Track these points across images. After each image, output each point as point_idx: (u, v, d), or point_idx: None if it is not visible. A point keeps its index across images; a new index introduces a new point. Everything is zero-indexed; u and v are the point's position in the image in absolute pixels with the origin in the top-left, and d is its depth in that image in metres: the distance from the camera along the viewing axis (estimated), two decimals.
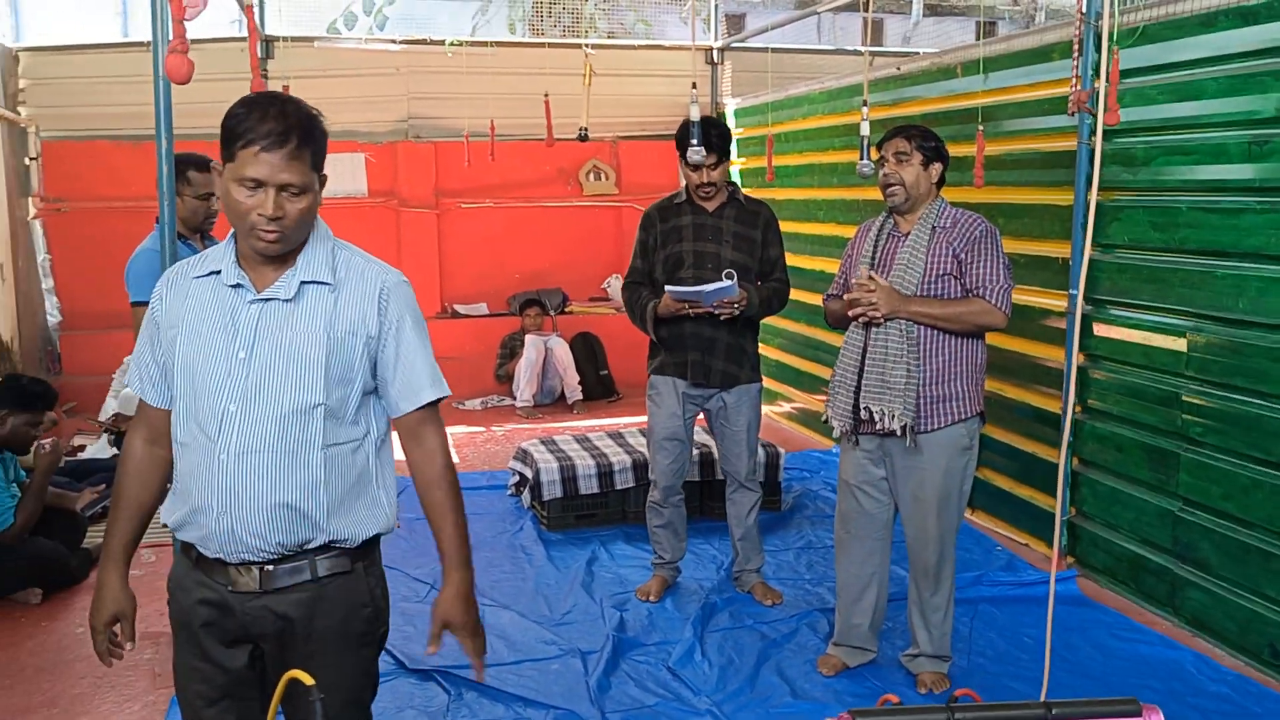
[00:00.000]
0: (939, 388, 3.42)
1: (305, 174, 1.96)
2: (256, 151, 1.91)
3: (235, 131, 1.93)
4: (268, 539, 1.99)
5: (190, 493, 2.01)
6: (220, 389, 1.98)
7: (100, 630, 2.14)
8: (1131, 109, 4.20)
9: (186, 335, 2.02)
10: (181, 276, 2.09)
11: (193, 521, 2.02)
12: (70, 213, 7.97)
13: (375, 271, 2.09)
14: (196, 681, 2.09)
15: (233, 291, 2.02)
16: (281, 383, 1.98)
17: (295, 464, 1.99)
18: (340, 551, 2.07)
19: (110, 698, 3.59)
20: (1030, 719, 1.24)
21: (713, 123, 4.13)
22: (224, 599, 2.03)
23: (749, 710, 3.50)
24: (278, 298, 2.00)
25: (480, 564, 4.72)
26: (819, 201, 6.98)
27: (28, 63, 7.92)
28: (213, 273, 2.04)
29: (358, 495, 2.08)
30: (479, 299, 8.87)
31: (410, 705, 3.54)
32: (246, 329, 1.99)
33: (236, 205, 1.95)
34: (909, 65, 5.98)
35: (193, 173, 3.95)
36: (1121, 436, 4.38)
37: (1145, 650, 3.93)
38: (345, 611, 2.09)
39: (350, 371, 2.04)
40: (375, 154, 8.57)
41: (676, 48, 9.08)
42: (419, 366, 2.09)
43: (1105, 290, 4.43)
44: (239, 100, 1.98)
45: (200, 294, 2.04)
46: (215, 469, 1.97)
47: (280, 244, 1.98)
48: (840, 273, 3.75)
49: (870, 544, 3.66)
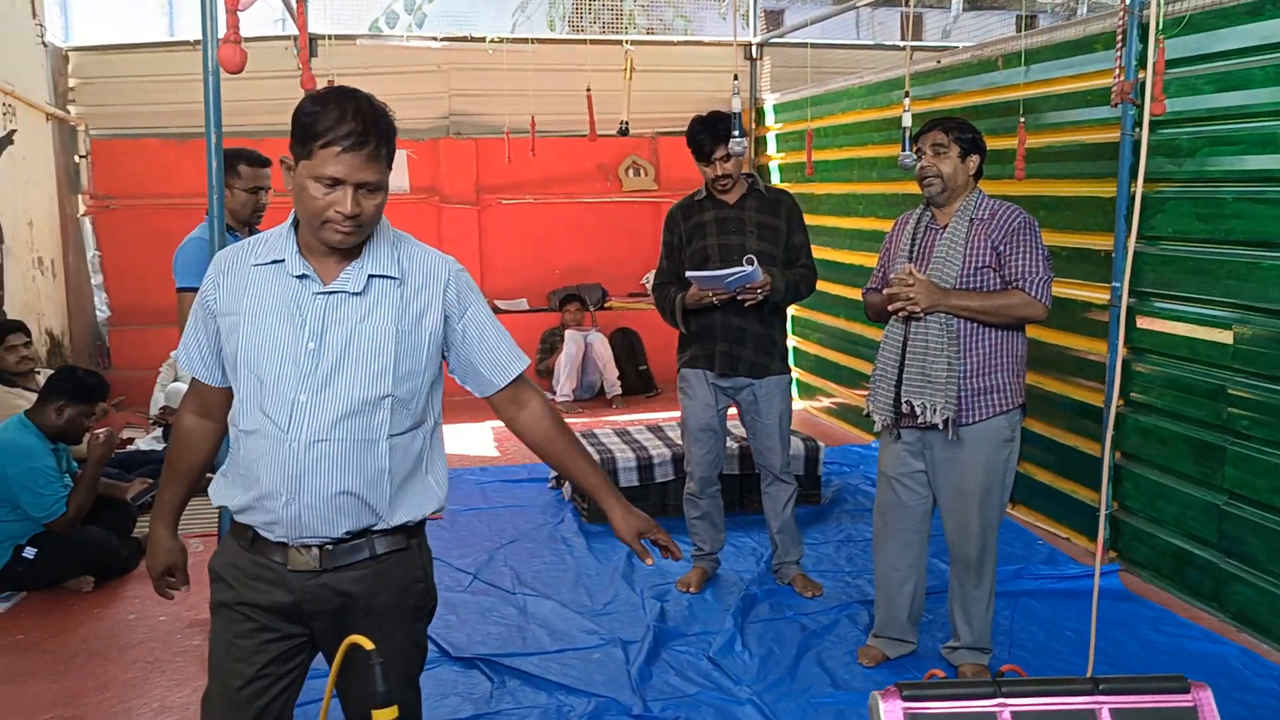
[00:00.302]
0: (980, 380, 3.41)
1: (382, 172, 1.99)
2: (337, 152, 1.92)
3: (313, 130, 1.93)
4: (334, 524, 2.03)
5: (257, 478, 2.03)
6: (289, 379, 2.00)
7: (157, 576, 2.32)
8: (1177, 99, 4.16)
9: (249, 323, 2.03)
10: (239, 263, 2.09)
11: (258, 506, 2.04)
12: (118, 210, 8.12)
13: (437, 261, 2.13)
14: (236, 660, 2.12)
15: (298, 282, 2.03)
16: (351, 375, 2.01)
17: (363, 453, 2.03)
18: (397, 530, 2.12)
19: (161, 682, 3.67)
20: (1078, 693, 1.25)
21: (720, 116, 4.15)
22: (282, 579, 2.07)
23: (790, 700, 3.51)
24: (345, 290, 2.03)
25: (522, 555, 4.85)
26: (858, 196, 6.96)
27: (77, 62, 8.07)
28: (274, 261, 2.05)
29: (414, 480, 2.13)
30: (519, 294, 8.93)
31: (454, 692, 3.59)
32: (314, 320, 2.01)
33: (312, 202, 1.96)
34: (949, 58, 5.95)
35: (243, 166, 3.99)
36: (1165, 430, 4.34)
37: (1190, 645, 3.90)
38: (402, 587, 2.14)
39: (419, 364, 2.08)
40: (417, 150, 8.65)
41: (715, 43, 9.08)
42: (500, 344, 2.19)
43: (1149, 283, 4.39)
44: (311, 97, 1.99)
45: (261, 282, 2.05)
46: (285, 457, 2.00)
47: (354, 238, 2.00)
48: (879, 266, 3.75)
49: (909, 536, 3.65)
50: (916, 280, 3.37)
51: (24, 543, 4.39)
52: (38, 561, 4.38)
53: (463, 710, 3.46)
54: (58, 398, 4.45)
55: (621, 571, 4.64)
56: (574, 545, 5.00)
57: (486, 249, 8.87)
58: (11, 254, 6.40)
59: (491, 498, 5.76)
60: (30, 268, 6.84)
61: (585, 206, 9.02)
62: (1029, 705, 1.25)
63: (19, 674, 3.76)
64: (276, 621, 2.11)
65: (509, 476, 6.14)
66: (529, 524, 5.31)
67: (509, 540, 5.07)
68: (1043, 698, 1.27)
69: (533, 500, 5.69)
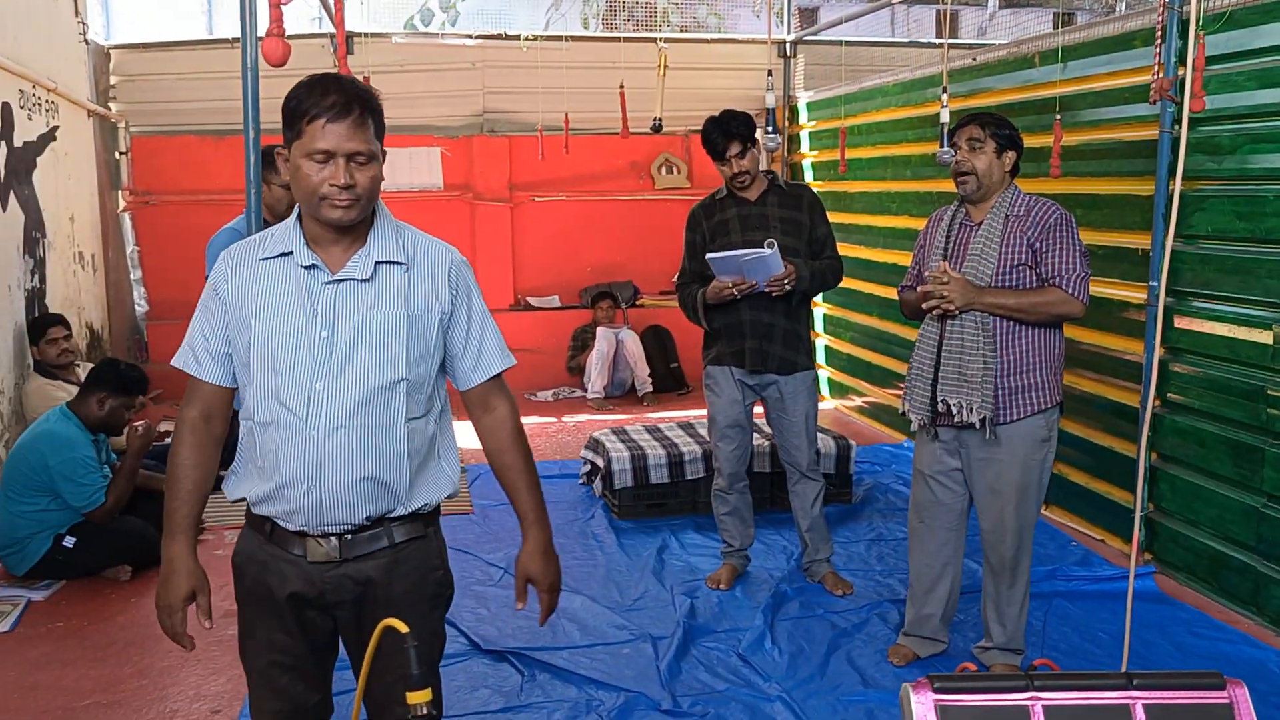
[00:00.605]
0: (1017, 378, 3.38)
1: (371, 142, 2.01)
2: (324, 124, 1.96)
3: (299, 110, 1.99)
4: (355, 510, 2.05)
5: (277, 468, 2.04)
6: (305, 368, 2.02)
7: (178, 608, 2.11)
8: (1217, 96, 4.11)
9: (263, 316, 2.04)
10: (247, 258, 2.10)
11: (278, 496, 2.06)
12: (157, 205, 8.21)
13: (441, 250, 2.16)
14: (272, 651, 2.16)
15: (307, 273, 2.05)
16: (366, 361, 2.03)
17: (381, 438, 2.05)
18: (414, 518, 2.14)
19: (197, 670, 3.72)
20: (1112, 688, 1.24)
21: (732, 114, 4.14)
22: (303, 570, 2.09)
23: (819, 698, 3.50)
24: (354, 278, 2.05)
25: None
26: (892, 194, 6.93)
27: (118, 60, 8.17)
28: (282, 254, 2.07)
29: (429, 464, 2.16)
30: (551, 291, 8.95)
31: (484, 685, 3.61)
32: (325, 309, 2.04)
33: (307, 180, 1.99)
34: (985, 55, 5.91)
35: (281, 162, 4.04)
36: (1203, 431, 4.29)
37: (1226, 649, 3.85)
38: (420, 574, 2.16)
39: (429, 347, 2.11)
40: (451, 148, 8.70)
41: (749, 41, 9.07)
42: (488, 339, 2.18)
43: (1187, 282, 4.34)
44: (297, 84, 2.03)
45: (271, 275, 2.07)
46: (305, 445, 2.02)
47: (353, 212, 2.02)
48: (914, 263, 3.73)
49: (944, 534, 3.63)
50: (951, 278, 3.35)
51: (64, 532, 4.46)
52: (77, 550, 4.45)
53: (493, 703, 3.48)
54: (99, 390, 4.51)
55: (651, 567, 4.64)
56: (604, 541, 5.02)
57: (519, 246, 8.90)
58: (53, 248, 6.50)
59: None
60: (71, 262, 6.94)
61: (618, 204, 9.03)
62: (1061, 699, 1.25)
63: (59, 660, 3.82)
64: (301, 610, 2.13)
65: (540, 473, 6.12)
66: (559, 519, 5.32)
67: None
68: (1075, 692, 1.26)
69: (563, 496, 5.71)
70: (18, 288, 5.79)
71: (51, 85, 6.46)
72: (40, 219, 6.27)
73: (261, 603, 2.14)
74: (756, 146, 4.12)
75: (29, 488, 4.41)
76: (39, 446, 4.42)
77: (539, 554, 2.21)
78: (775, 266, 3.98)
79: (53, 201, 6.50)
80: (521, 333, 8.66)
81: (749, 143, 4.11)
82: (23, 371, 5.71)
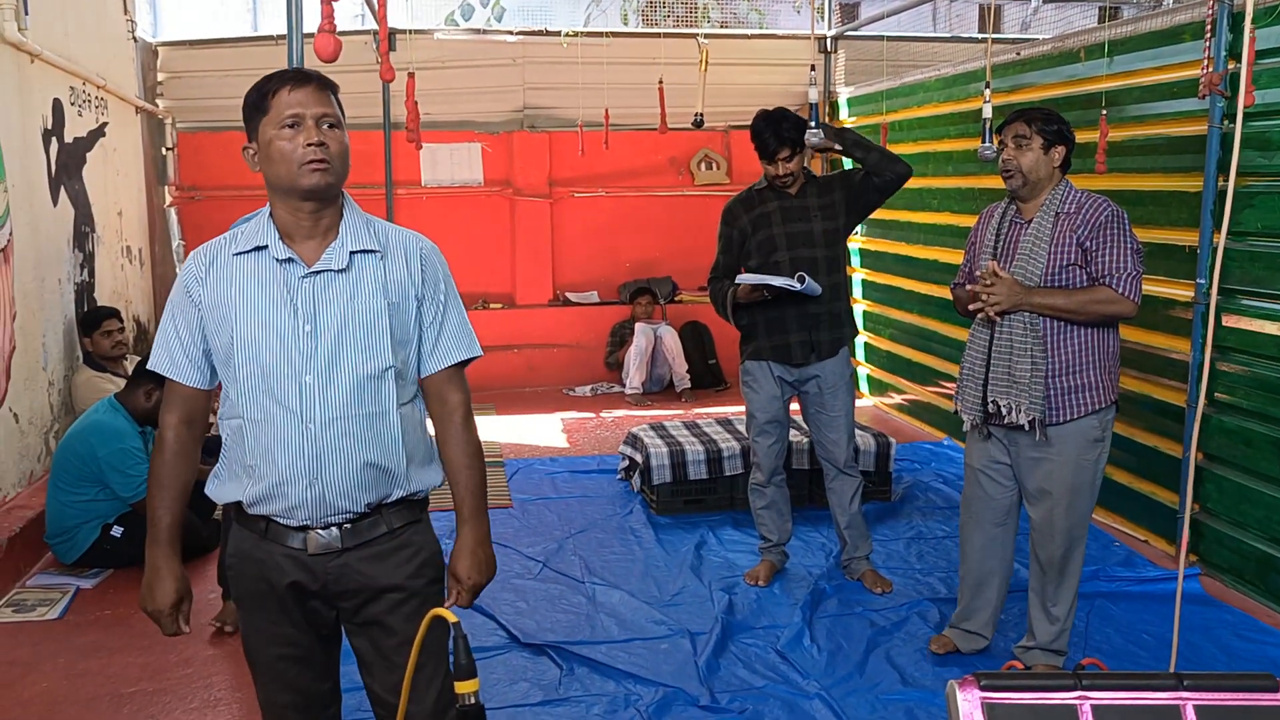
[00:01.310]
0: (1069, 378, 3.32)
1: (334, 108, 2.05)
2: (287, 91, 2.03)
3: (262, 89, 2.05)
4: (357, 499, 2.08)
5: (272, 466, 2.04)
6: (292, 363, 2.02)
7: (167, 613, 2.14)
8: (1267, 91, 4.05)
9: (243, 313, 2.04)
10: (220, 255, 2.09)
11: (276, 494, 2.06)
12: (202, 201, 8.31)
13: (411, 238, 2.18)
14: (279, 645, 2.17)
15: (283, 267, 2.05)
16: (353, 350, 2.05)
17: (377, 425, 2.08)
18: (410, 503, 2.17)
19: (239, 659, 3.73)
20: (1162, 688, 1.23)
21: (785, 115, 4.12)
22: (303, 563, 2.10)
23: (858, 695, 3.49)
24: (330, 269, 2.06)
25: (591, 545, 4.89)
26: (933, 190, 6.87)
27: (165, 57, 8.28)
28: (256, 249, 2.06)
29: (424, 448, 2.20)
30: (590, 287, 8.97)
31: (523, 678, 3.63)
32: (305, 303, 2.04)
33: (281, 152, 2.02)
34: (1029, 50, 5.85)
35: None
36: (1251, 431, 4.22)
37: (1273, 652, 3.79)
38: (421, 559, 2.18)
39: (408, 333, 2.13)
40: (491, 144, 8.74)
41: (790, 36, 9.02)
42: (448, 327, 2.19)
43: (1236, 280, 4.27)
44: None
45: (247, 271, 2.06)
46: (303, 439, 2.03)
47: (330, 176, 2.04)
48: (965, 260, 3.69)
49: (991, 529, 3.59)
50: (1000, 279, 3.30)
51: (111, 521, 4.54)
52: (124, 540, 4.52)
53: (531, 695, 3.50)
54: (147, 382, 4.58)
55: (690, 563, 4.65)
56: (642, 536, 5.02)
57: (558, 242, 8.92)
58: (102, 242, 6.60)
59: (561, 488, 5.81)
60: (119, 256, 7.04)
61: (657, 200, 9.03)
62: (1110, 699, 1.23)
63: (106, 648, 3.89)
64: (304, 601, 2.14)
65: (578, 468, 6.18)
66: (598, 514, 5.34)
67: (578, 530, 5.11)
68: (1125, 692, 1.25)
69: (601, 491, 5.73)
70: (68, 281, 5.89)
71: (101, 82, 6.56)
72: (90, 214, 6.37)
73: (263, 598, 2.14)
74: (804, 150, 4.11)
75: (78, 478, 4.49)
76: (88, 438, 4.50)
77: (468, 552, 2.19)
78: (813, 291, 4.01)
79: (101, 196, 6.60)
80: (560, 328, 8.69)
81: (799, 146, 4.10)
82: (72, 364, 5.81)
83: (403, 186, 8.36)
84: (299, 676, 2.20)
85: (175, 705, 3.50)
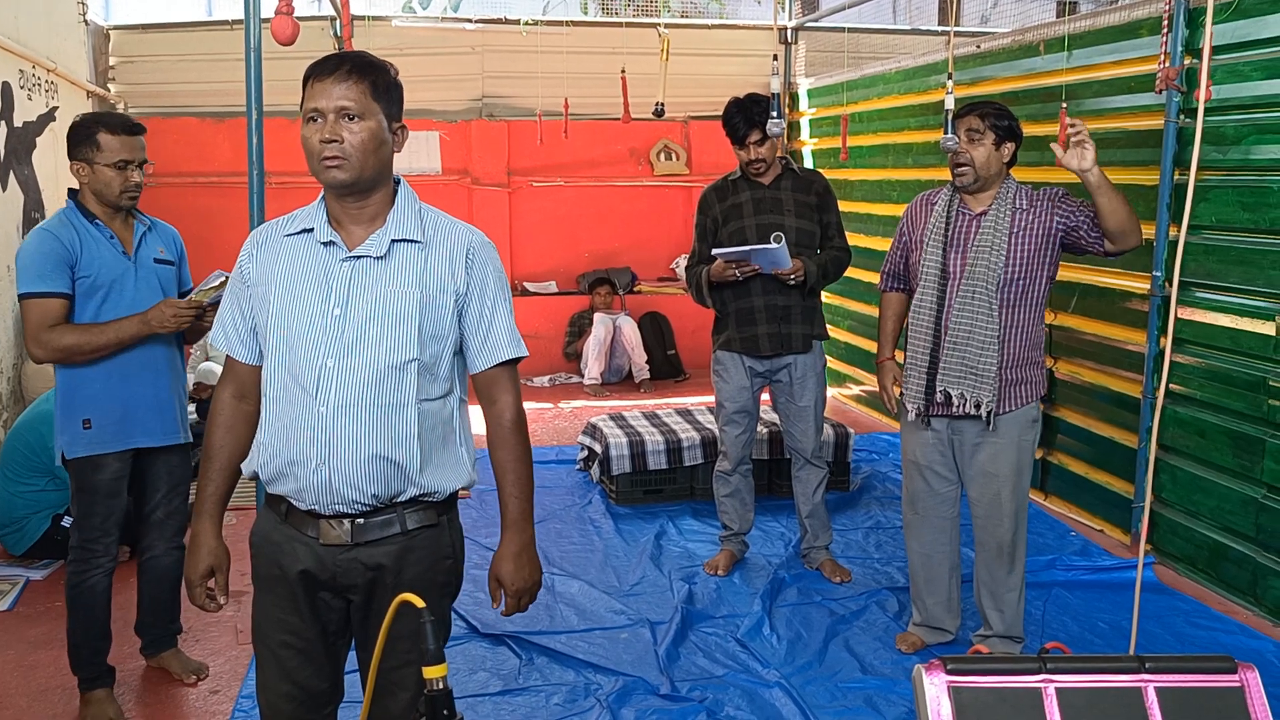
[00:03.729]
0: (1016, 371, 3.39)
1: (361, 99, 1.98)
2: (313, 82, 2.00)
3: (305, 76, 2.02)
4: (364, 490, 2.03)
5: (287, 445, 2.03)
6: (317, 344, 2.01)
7: (196, 583, 2.17)
8: (1223, 86, 4.10)
9: (280, 291, 2.05)
10: (273, 235, 2.12)
11: (289, 473, 2.05)
12: (157, 187, 8.16)
13: (462, 230, 2.14)
14: (283, 632, 2.15)
15: (325, 249, 2.06)
16: (377, 338, 2.02)
17: (391, 417, 2.03)
18: (427, 505, 2.12)
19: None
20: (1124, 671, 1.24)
21: (755, 99, 4.12)
22: (315, 552, 2.08)
23: (817, 684, 3.50)
24: (369, 255, 2.05)
25: (550, 535, 4.86)
26: (893, 182, 6.91)
27: (118, 41, 8.12)
28: (304, 230, 2.08)
29: (445, 450, 2.13)
30: (549, 277, 8.94)
31: (482, 668, 3.61)
32: (340, 286, 2.03)
33: (305, 144, 2.00)
34: (989, 43, 5.89)
35: (104, 135, 3.20)
36: (1204, 422, 4.29)
37: (1225, 639, 3.85)
38: (431, 563, 2.14)
39: (442, 328, 2.08)
40: (449, 132, 8.66)
41: (750, 27, 9.03)
42: (500, 325, 2.15)
43: (1191, 272, 4.33)
44: None
45: (292, 251, 2.08)
46: (314, 422, 2.01)
47: (343, 173, 1.99)
48: (896, 251, 3.69)
49: (939, 523, 3.63)
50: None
51: (62, 512, 4.44)
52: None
53: (491, 685, 3.48)
54: None
55: (649, 553, 4.64)
56: (602, 526, 5.01)
57: (516, 231, 8.87)
58: None
59: None
60: None
61: (616, 190, 9.01)
62: (1074, 682, 1.24)
63: (57, 640, 3.79)
64: (314, 591, 2.12)
65: (537, 458, 6.06)
66: (557, 504, 5.32)
67: (537, 520, 4.98)
68: (1088, 675, 1.25)
69: (560, 481, 5.71)
70: None
71: (51, 66, 6.42)
72: (39, 199, 6.24)
73: (275, 583, 2.13)
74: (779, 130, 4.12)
75: (27, 468, 4.40)
76: (38, 427, 4.40)
77: (509, 557, 2.17)
78: (783, 260, 3.97)
79: (52, 182, 6.46)
80: (518, 318, 8.51)
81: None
82: (22, 352, 5.69)
83: None
84: (299, 669, 2.16)
85: (127, 697, 3.43)
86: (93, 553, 3.26)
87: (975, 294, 3.35)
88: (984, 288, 3.34)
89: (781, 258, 3.97)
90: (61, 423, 3.19)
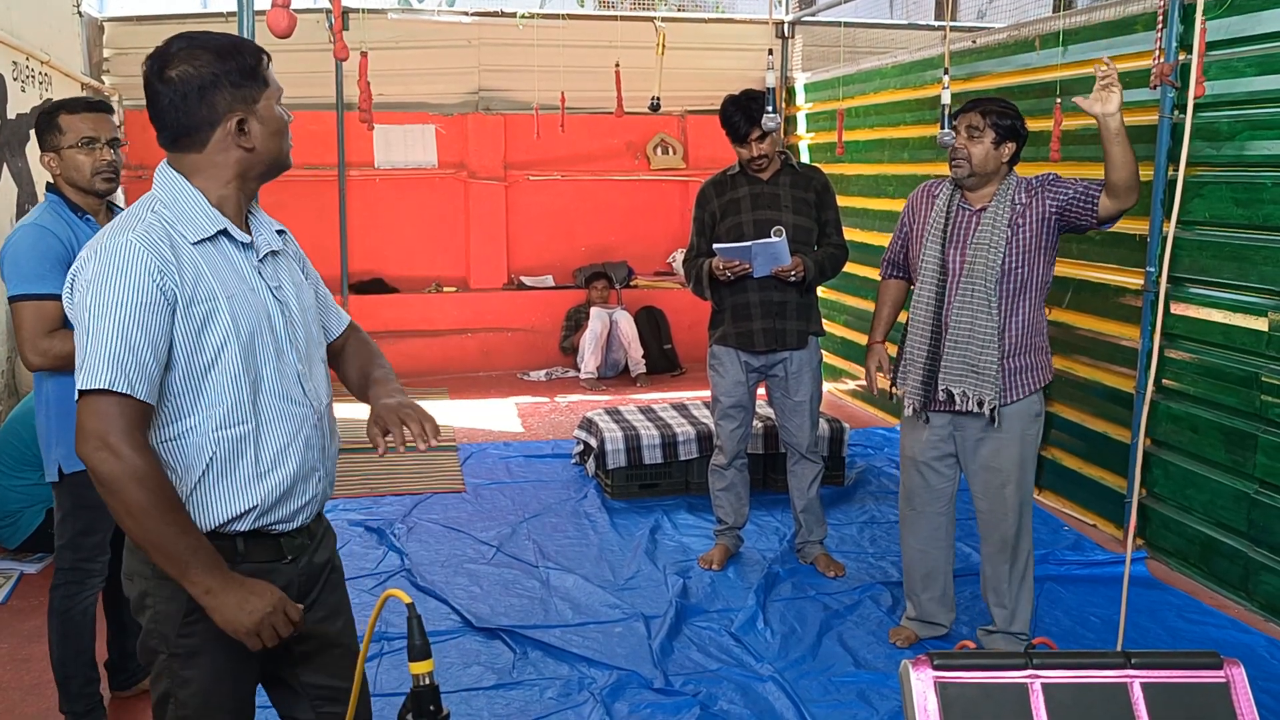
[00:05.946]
0: (1018, 359, 3.38)
1: None
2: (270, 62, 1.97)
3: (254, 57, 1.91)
4: (335, 485, 2.06)
5: (291, 464, 1.90)
6: (284, 351, 1.92)
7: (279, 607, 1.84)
8: (1216, 82, 4.10)
9: (232, 306, 1.83)
10: (177, 246, 1.81)
11: (293, 493, 1.92)
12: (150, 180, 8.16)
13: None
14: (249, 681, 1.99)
15: (241, 251, 1.89)
16: (314, 332, 2.03)
17: (331, 405, 2.05)
18: None
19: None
20: (1110, 666, 1.24)
21: (752, 96, 4.12)
22: (280, 573, 1.93)
23: (811, 678, 3.52)
24: (273, 249, 1.96)
25: (545, 529, 4.87)
26: (889, 177, 6.91)
27: (112, 33, 8.10)
28: (217, 233, 1.86)
29: None
30: (545, 271, 8.93)
31: (476, 662, 3.62)
32: (277, 288, 1.94)
33: (280, 122, 1.94)
34: (985, 39, 5.89)
35: (64, 117, 3.01)
36: (1197, 417, 4.30)
37: (1216, 634, 3.87)
38: (333, 541, 2.15)
39: None
40: (446, 125, 8.65)
41: (747, 21, 9.02)
42: (332, 298, 2.20)
43: (1184, 268, 4.34)
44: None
45: (213, 260, 1.84)
46: (311, 431, 1.94)
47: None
48: (897, 241, 3.70)
49: (935, 519, 3.64)
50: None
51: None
52: None
53: (485, 679, 3.49)
54: None
55: (644, 547, 4.65)
56: (597, 521, 5.02)
57: (513, 225, 8.86)
58: None
59: (515, 472, 5.78)
60: None
61: (612, 184, 9.00)
62: (1060, 677, 1.25)
63: None
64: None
65: (533, 452, 6.16)
66: (552, 499, 5.33)
67: (532, 514, 5.09)
68: (1074, 670, 1.26)
69: (555, 475, 5.71)
70: None
71: (45, 58, 6.40)
72: (34, 191, 6.22)
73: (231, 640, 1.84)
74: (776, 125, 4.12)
75: (21, 462, 4.39)
76: (32, 421, 4.38)
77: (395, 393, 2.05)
78: (783, 255, 3.98)
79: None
80: (515, 312, 8.64)
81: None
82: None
83: (355, 168, 8.25)
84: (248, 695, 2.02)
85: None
86: (88, 573, 3.03)
87: (975, 291, 3.36)
88: (983, 285, 3.34)
89: (781, 252, 3.98)
90: (59, 434, 2.95)
